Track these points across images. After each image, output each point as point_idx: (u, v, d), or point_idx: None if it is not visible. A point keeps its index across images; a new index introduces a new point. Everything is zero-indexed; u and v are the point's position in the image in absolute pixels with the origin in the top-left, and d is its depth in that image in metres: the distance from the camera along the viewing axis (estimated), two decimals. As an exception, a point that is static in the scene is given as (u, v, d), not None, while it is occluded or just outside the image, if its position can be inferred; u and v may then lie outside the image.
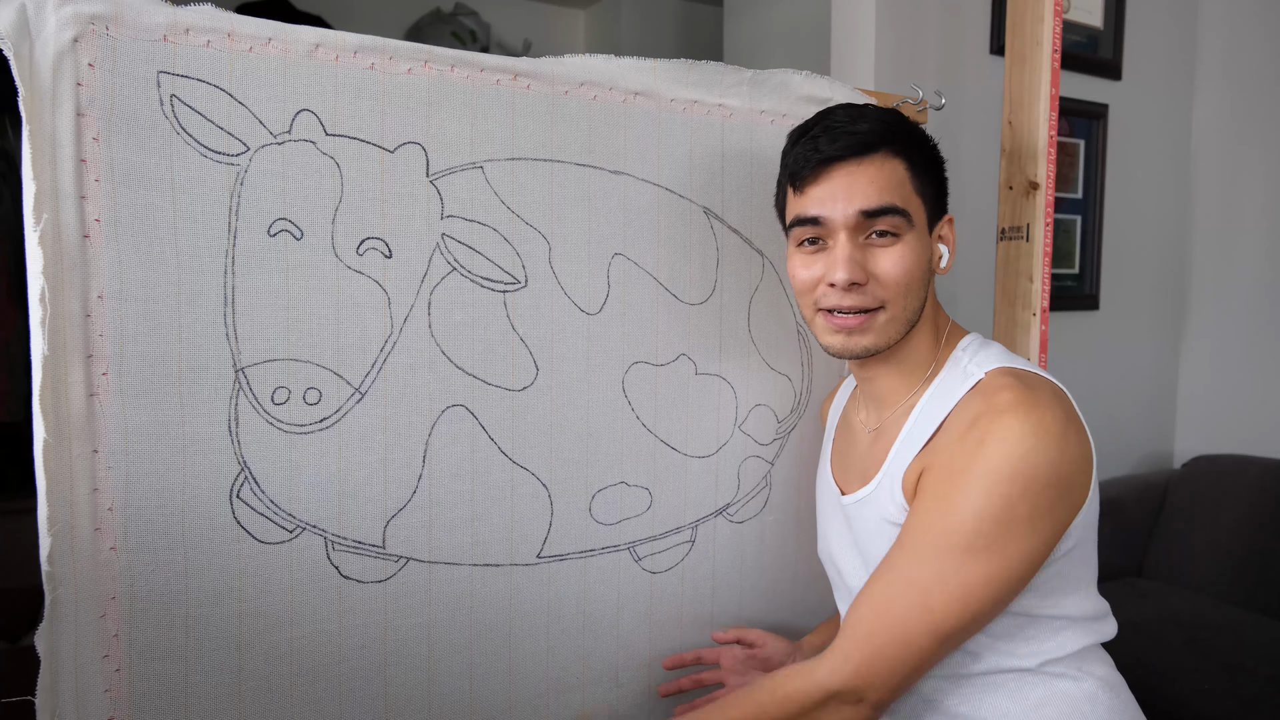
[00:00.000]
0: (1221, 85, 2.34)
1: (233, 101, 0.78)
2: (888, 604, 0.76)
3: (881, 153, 0.81)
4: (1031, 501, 0.73)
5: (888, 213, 0.80)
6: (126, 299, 0.75)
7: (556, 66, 0.94)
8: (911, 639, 0.75)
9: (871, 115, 0.83)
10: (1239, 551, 2.04)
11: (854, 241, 0.81)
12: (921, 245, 0.83)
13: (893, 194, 0.81)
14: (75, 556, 0.74)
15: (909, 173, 0.83)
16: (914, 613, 0.75)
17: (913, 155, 0.84)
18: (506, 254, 0.92)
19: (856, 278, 0.81)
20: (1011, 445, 0.74)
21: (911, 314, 0.84)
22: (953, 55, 1.90)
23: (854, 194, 0.81)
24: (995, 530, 0.73)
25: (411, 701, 0.91)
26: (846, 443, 0.98)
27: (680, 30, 2.98)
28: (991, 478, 0.74)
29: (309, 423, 0.83)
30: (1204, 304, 2.41)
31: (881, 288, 0.82)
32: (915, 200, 0.83)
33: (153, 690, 0.79)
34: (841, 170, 0.81)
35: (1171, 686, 1.68)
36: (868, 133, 0.81)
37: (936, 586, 0.74)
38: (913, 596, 0.75)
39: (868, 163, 0.81)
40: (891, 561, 0.78)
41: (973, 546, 0.74)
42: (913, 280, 0.82)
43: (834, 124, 0.83)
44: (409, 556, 0.89)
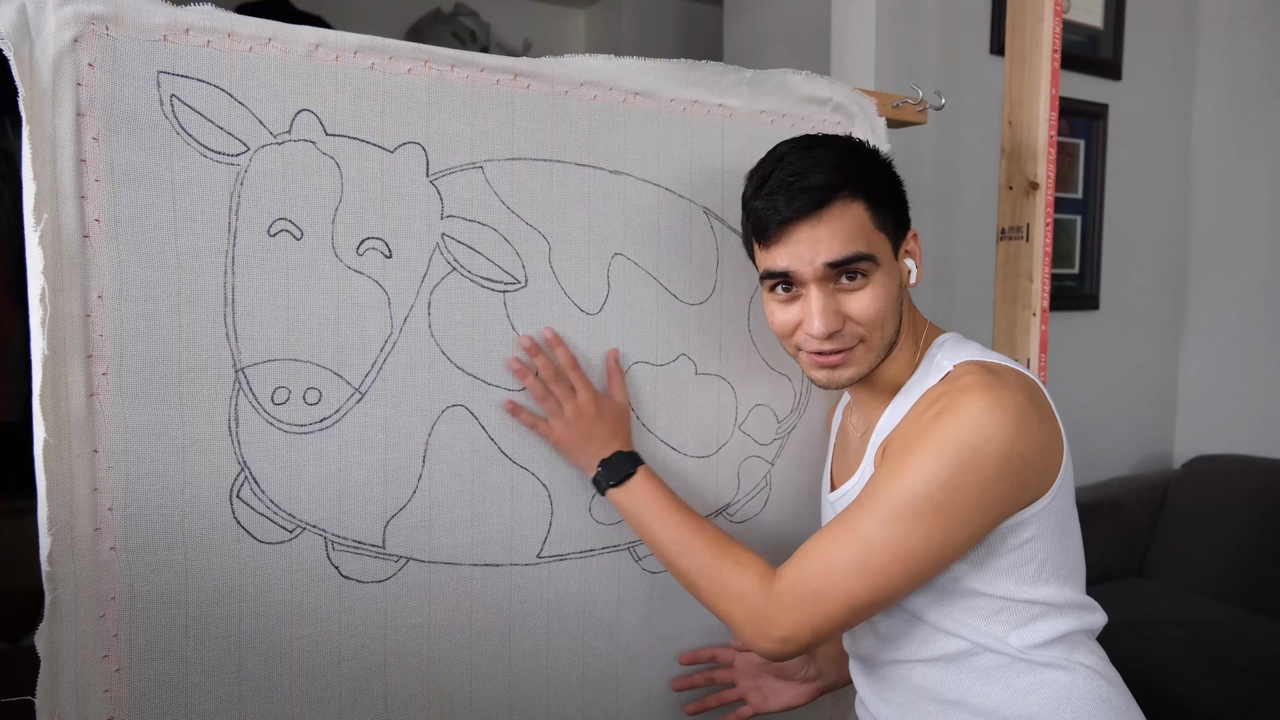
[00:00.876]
0: (1221, 85, 2.34)
1: (233, 101, 0.78)
2: (834, 556, 0.79)
3: (839, 201, 0.82)
4: (981, 473, 0.76)
5: (853, 260, 0.82)
6: (126, 299, 0.75)
7: (556, 66, 0.94)
8: (848, 593, 0.78)
9: (824, 163, 0.83)
10: (1239, 551, 2.04)
11: (825, 290, 0.84)
12: (890, 277, 0.85)
13: (855, 241, 0.82)
14: (75, 556, 0.74)
15: (868, 212, 0.83)
16: (854, 567, 0.78)
17: (870, 191, 0.84)
18: (506, 254, 0.92)
19: (833, 327, 0.84)
20: (965, 418, 0.77)
21: (889, 340, 0.87)
22: (953, 55, 1.90)
23: (818, 249, 0.82)
24: (942, 496, 0.76)
25: (411, 701, 0.91)
26: (841, 446, 1.02)
27: (680, 30, 2.98)
28: (944, 445, 0.77)
29: (309, 423, 0.83)
30: (1204, 304, 2.41)
31: (858, 325, 0.85)
32: (878, 237, 0.84)
33: (153, 690, 0.79)
34: (802, 228, 0.82)
35: (1171, 686, 1.68)
36: (822, 186, 0.81)
37: (881, 546, 0.77)
38: (857, 553, 0.78)
39: (826, 216, 0.82)
40: (845, 515, 0.81)
41: (919, 511, 0.76)
42: (886, 314, 0.85)
43: (789, 177, 0.83)
44: (409, 556, 0.89)
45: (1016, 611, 0.83)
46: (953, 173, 1.93)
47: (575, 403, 0.94)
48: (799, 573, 0.80)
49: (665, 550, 0.89)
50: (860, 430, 0.96)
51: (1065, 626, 0.83)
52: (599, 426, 0.94)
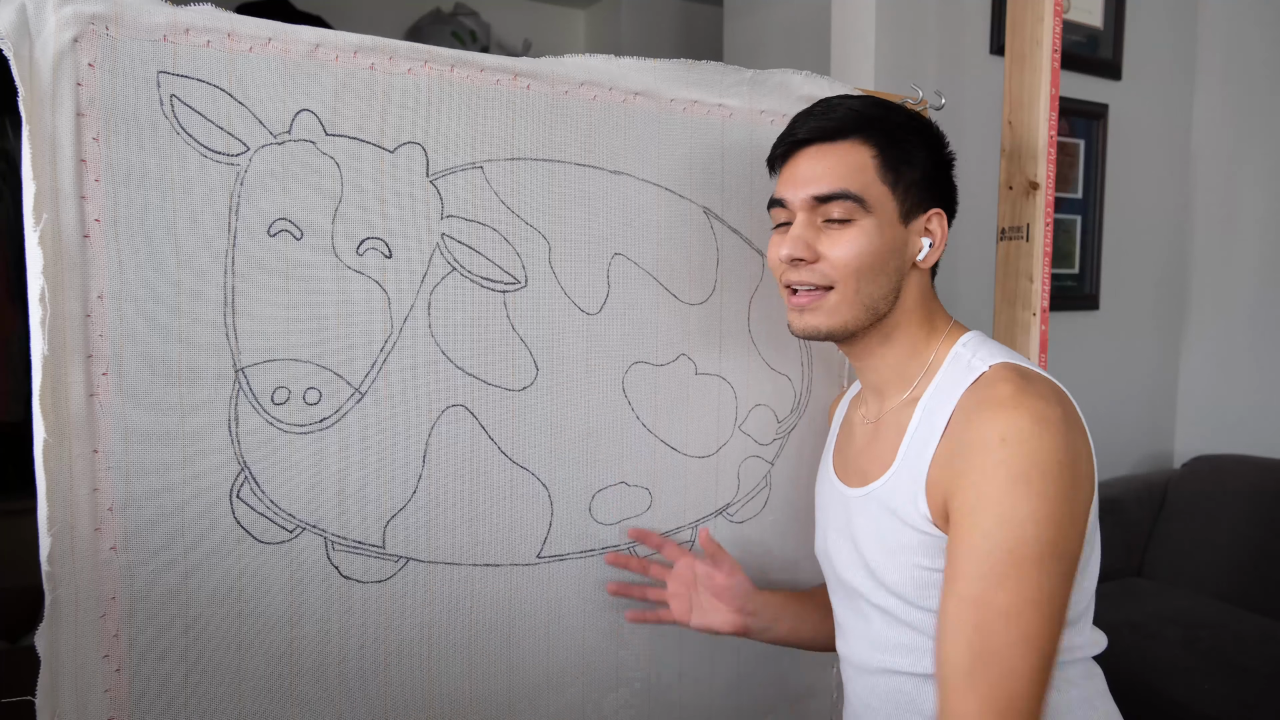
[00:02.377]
0: (1221, 85, 2.34)
1: (233, 101, 0.78)
2: (985, 640, 0.73)
3: (850, 140, 0.84)
4: (1063, 489, 0.73)
5: (839, 198, 0.83)
6: (126, 299, 0.75)
7: (556, 66, 0.94)
8: (1031, 671, 0.72)
9: (849, 105, 0.86)
10: (1239, 551, 2.04)
11: (810, 222, 0.84)
12: (881, 233, 0.83)
13: (849, 180, 0.83)
14: (75, 556, 0.74)
15: (876, 160, 0.84)
16: (1022, 646, 0.72)
17: (887, 143, 0.84)
18: (506, 254, 0.92)
19: (799, 253, 0.83)
20: (1025, 442, 0.73)
21: (868, 300, 0.84)
22: (953, 55, 1.90)
23: (811, 178, 0.84)
24: (1051, 529, 0.73)
25: (411, 701, 0.91)
26: (847, 439, 0.99)
27: (680, 30, 2.98)
28: (1024, 479, 0.73)
29: (309, 423, 0.83)
30: (1204, 304, 2.41)
31: (830, 267, 0.84)
32: (879, 189, 0.84)
33: (153, 690, 0.79)
34: (806, 155, 0.85)
35: (1171, 686, 1.68)
36: (839, 119, 0.84)
37: (1029, 609, 0.72)
38: (1013, 630, 0.72)
39: (830, 149, 0.84)
40: (967, 597, 0.74)
41: (1043, 554, 0.72)
42: (864, 265, 0.83)
43: (814, 110, 0.87)
44: (409, 556, 0.89)
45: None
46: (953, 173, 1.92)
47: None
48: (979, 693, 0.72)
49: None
50: (870, 420, 0.93)
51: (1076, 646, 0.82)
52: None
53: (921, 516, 0.81)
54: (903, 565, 0.83)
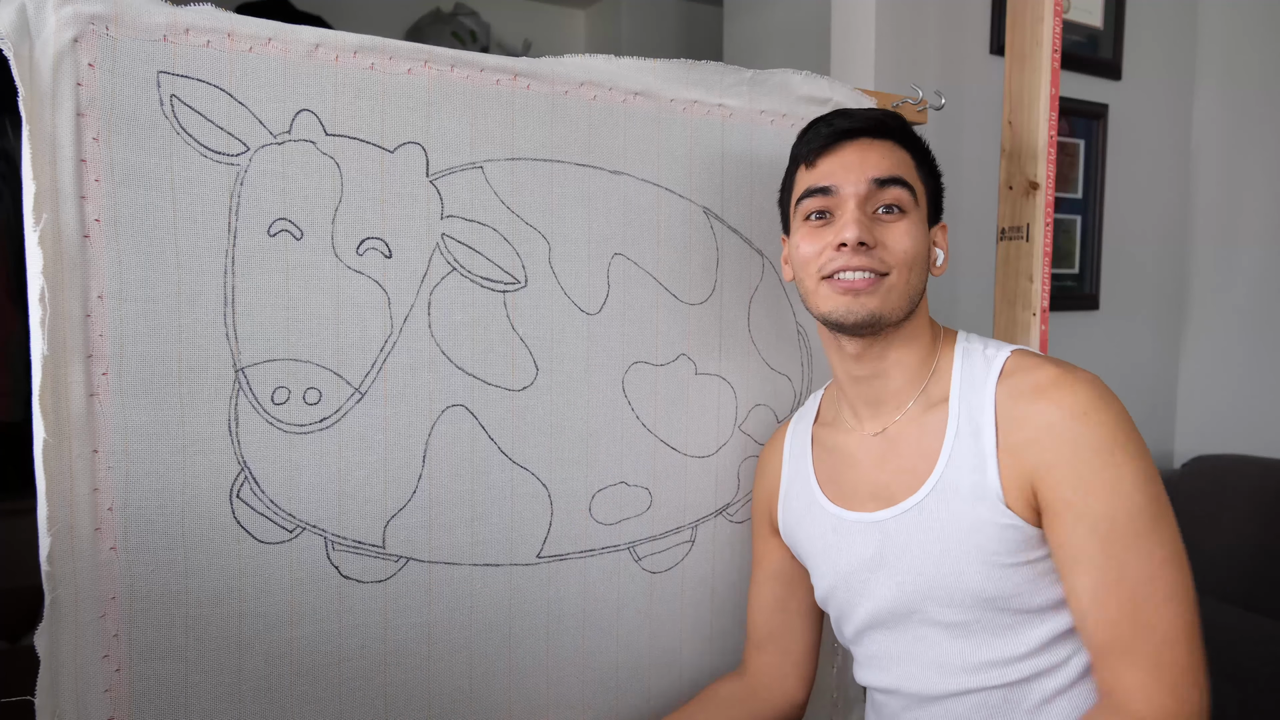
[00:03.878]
0: (1221, 85, 2.34)
1: (233, 101, 0.78)
2: (1134, 612, 0.73)
3: (892, 140, 0.87)
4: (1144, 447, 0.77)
5: (897, 183, 0.84)
6: (126, 299, 0.75)
7: (556, 66, 0.94)
8: (1187, 629, 0.73)
9: (880, 111, 0.89)
10: (1239, 551, 2.04)
11: (863, 210, 0.84)
12: (922, 230, 0.86)
13: (902, 169, 0.85)
14: (75, 556, 0.74)
15: (914, 163, 0.88)
16: (1170, 606, 0.73)
17: (917, 153, 0.89)
18: (506, 254, 0.92)
19: (866, 239, 0.82)
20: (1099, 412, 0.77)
21: (915, 292, 0.86)
22: (953, 55, 1.90)
23: (866, 164, 0.85)
24: (1155, 488, 0.76)
25: (411, 701, 0.91)
26: (839, 466, 0.93)
27: (680, 30, 2.98)
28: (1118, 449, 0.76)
29: (309, 423, 0.83)
30: (1204, 304, 2.41)
31: (889, 255, 0.83)
32: (920, 186, 0.87)
33: (153, 690, 0.79)
34: (854, 144, 0.86)
35: (1171, 686, 1.67)
36: (879, 118, 0.87)
37: (1164, 567, 0.74)
38: (1157, 593, 0.73)
39: (879, 142, 0.86)
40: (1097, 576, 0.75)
41: (1156, 512, 0.75)
42: (917, 258, 0.85)
43: (849, 110, 0.89)
44: (409, 556, 0.89)
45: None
46: (953, 173, 1.92)
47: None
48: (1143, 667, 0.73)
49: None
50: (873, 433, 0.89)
51: None
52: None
53: (1000, 513, 0.79)
54: (981, 569, 0.80)
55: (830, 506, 0.92)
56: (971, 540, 0.80)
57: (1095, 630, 0.76)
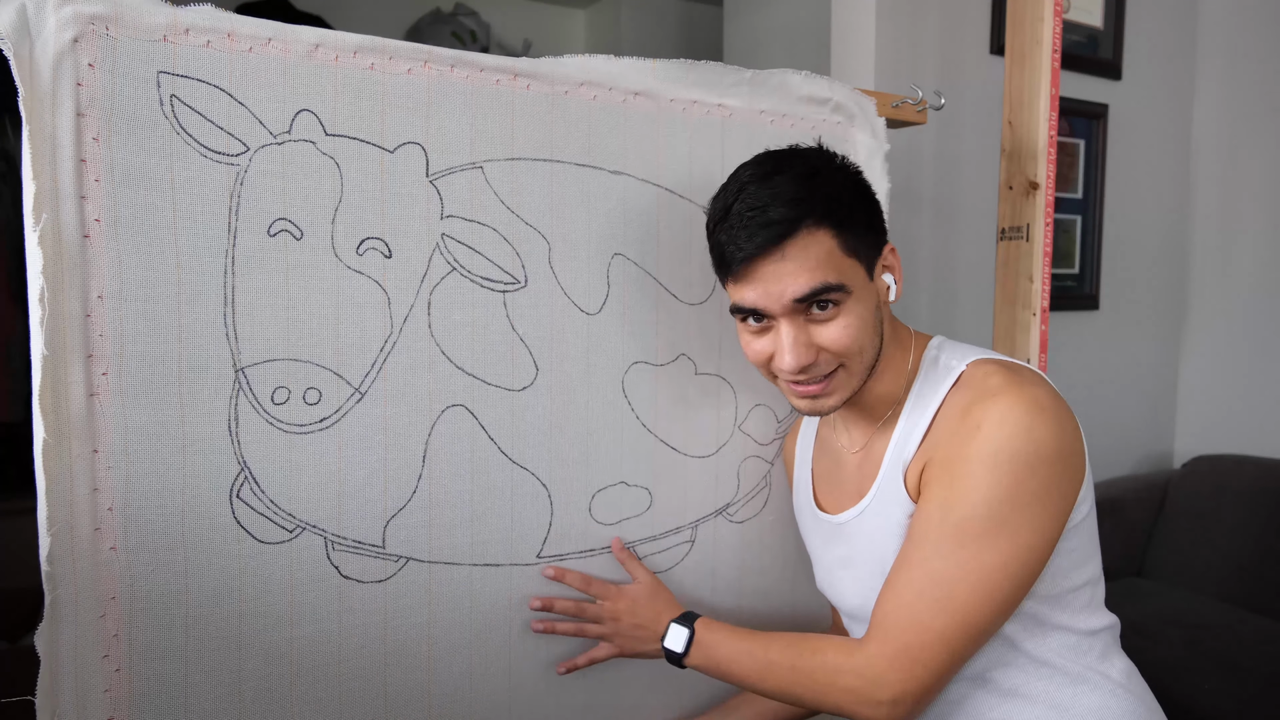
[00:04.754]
0: (1221, 85, 2.34)
1: (233, 101, 0.78)
2: (913, 603, 0.76)
3: (803, 232, 0.78)
4: (1039, 478, 0.74)
5: (820, 292, 0.79)
6: (126, 299, 0.75)
7: (556, 66, 0.94)
8: (941, 635, 0.75)
9: (783, 194, 0.79)
10: (1239, 551, 2.04)
11: (795, 323, 0.80)
12: (864, 303, 0.82)
13: (822, 271, 0.78)
14: (75, 556, 0.74)
15: (836, 239, 0.79)
16: (939, 608, 0.75)
17: (836, 217, 0.80)
18: (506, 254, 0.92)
19: (804, 361, 0.81)
20: (1011, 425, 0.75)
21: (870, 362, 0.85)
22: (953, 55, 1.90)
23: (784, 284, 0.79)
24: (1007, 511, 0.74)
25: (411, 701, 0.91)
26: (830, 468, 0.98)
27: (680, 30, 2.98)
28: (996, 459, 0.75)
29: (309, 423, 0.83)
30: (1204, 304, 2.41)
31: (833, 355, 0.82)
32: (848, 263, 0.80)
33: (153, 690, 0.79)
34: (765, 264, 0.79)
35: (1171, 686, 1.67)
36: (781, 220, 0.78)
37: (959, 578, 0.75)
38: (936, 591, 0.75)
39: (790, 249, 0.78)
40: (908, 557, 0.78)
41: (987, 531, 0.74)
42: (863, 340, 0.82)
43: (749, 212, 0.79)
44: (409, 556, 0.89)
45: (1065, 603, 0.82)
46: (953, 173, 1.92)
47: (607, 610, 0.95)
48: (885, 632, 0.77)
49: (751, 681, 0.85)
50: (857, 448, 0.93)
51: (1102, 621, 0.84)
52: (641, 615, 0.94)
53: (906, 513, 0.83)
54: None
55: (816, 509, 0.98)
56: (897, 542, 0.84)
57: (878, 602, 0.80)
